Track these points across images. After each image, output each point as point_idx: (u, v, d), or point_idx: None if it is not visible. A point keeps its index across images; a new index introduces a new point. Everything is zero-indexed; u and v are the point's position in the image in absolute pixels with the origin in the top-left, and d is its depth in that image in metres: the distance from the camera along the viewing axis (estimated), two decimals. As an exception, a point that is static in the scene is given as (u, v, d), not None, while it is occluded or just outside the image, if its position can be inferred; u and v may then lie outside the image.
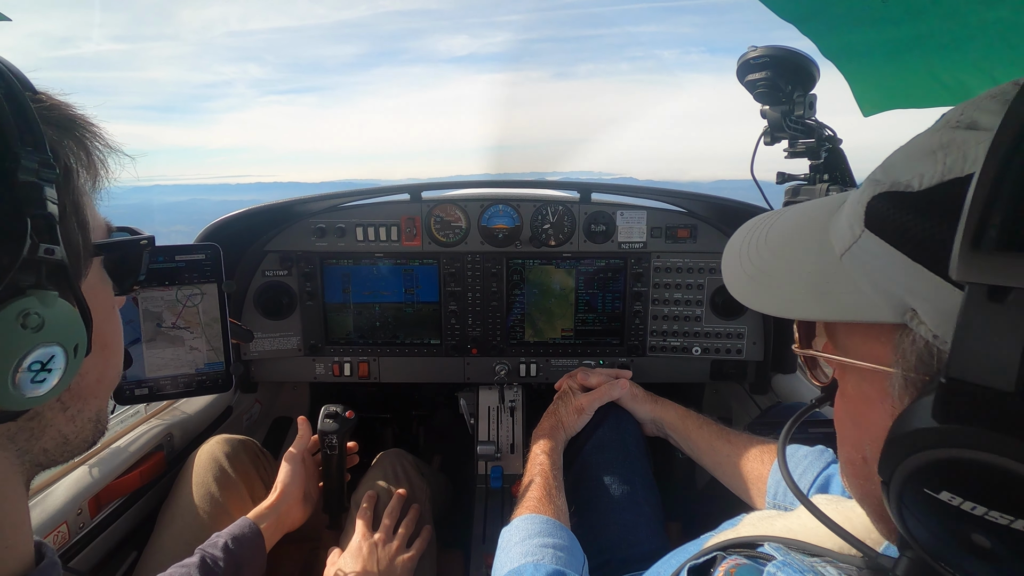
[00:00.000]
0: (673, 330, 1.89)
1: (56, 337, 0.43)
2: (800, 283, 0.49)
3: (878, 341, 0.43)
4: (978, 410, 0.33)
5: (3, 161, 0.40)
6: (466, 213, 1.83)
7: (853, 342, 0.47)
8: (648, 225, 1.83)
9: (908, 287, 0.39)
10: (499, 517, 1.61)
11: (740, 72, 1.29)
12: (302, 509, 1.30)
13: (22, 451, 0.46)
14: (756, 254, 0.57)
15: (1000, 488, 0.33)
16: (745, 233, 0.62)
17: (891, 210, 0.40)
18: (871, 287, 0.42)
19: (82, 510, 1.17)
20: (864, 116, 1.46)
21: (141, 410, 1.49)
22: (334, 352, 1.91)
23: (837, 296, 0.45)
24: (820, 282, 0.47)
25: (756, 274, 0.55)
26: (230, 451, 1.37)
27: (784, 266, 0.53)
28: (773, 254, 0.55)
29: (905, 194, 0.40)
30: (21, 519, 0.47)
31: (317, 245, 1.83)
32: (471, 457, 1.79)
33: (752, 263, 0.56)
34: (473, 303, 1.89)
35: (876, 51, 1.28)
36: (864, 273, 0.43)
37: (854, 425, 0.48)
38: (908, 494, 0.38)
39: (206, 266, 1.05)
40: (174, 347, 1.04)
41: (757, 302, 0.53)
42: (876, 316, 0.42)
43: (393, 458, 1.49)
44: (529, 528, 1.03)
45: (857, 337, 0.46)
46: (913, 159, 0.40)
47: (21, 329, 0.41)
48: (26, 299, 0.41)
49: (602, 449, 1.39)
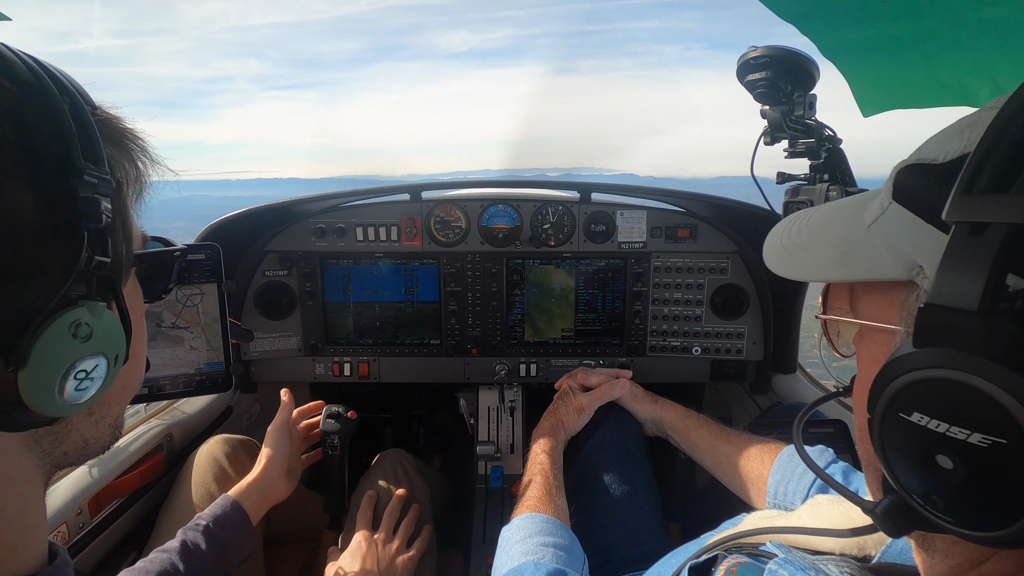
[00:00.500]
0: (673, 330, 1.89)
1: (102, 347, 0.44)
2: (828, 251, 0.52)
3: (891, 304, 0.45)
4: (946, 330, 0.36)
5: (68, 176, 0.41)
6: (466, 213, 1.83)
7: (870, 307, 0.49)
8: (648, 225, 1.83)
9: (918, 246, 0.41)
10: (499, 517, 1.60)
11: (740, 72, 1.29)
12: (286, 483, 1.29)
13: (45, 453, 0.46)
14: (797, 233, 0.60)
15: (959, 403, 0.35)
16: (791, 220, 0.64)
17: (914, 180, 0.43)
18: (888, 250, 0.44)
19: (82, 510, 1.17)
20: (864, 116, 1.46)
21: (141, 410, 1.49)
22: (334, 352, 1.91)
23: (858, 261, 0.47)
24: (846, 250, 0.50)
25: (791, 247, 0.58)
26: (230, 451, 1.37)
27: (817, 239, 0.55)
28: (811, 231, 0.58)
29: (929, 166, 0.42)
30: (39, 520, 0.48)
31: (317, 245, 1.83)
32: (471, 457, 1.79)
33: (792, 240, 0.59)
34: (473, 303, 1.89)
35: (876, 51, 1.28)
36: (884, 238, 0.45)
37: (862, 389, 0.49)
38: (887, 424, 0.40)
39: (206, 266, 1.05)
40: (174, 347, 1.04)
41: (788, 270, 0.56)
42: (887, 274, 0.44)
43: (393, 458, 1.49)
44: (529, 527, 1.03)
45: (874, 303, 0.48)
46: (943, 138, 0.43)
47: (72, 339, 0.41)
48: (78, 310, 0.42)
49: (602, 449, 1.39)
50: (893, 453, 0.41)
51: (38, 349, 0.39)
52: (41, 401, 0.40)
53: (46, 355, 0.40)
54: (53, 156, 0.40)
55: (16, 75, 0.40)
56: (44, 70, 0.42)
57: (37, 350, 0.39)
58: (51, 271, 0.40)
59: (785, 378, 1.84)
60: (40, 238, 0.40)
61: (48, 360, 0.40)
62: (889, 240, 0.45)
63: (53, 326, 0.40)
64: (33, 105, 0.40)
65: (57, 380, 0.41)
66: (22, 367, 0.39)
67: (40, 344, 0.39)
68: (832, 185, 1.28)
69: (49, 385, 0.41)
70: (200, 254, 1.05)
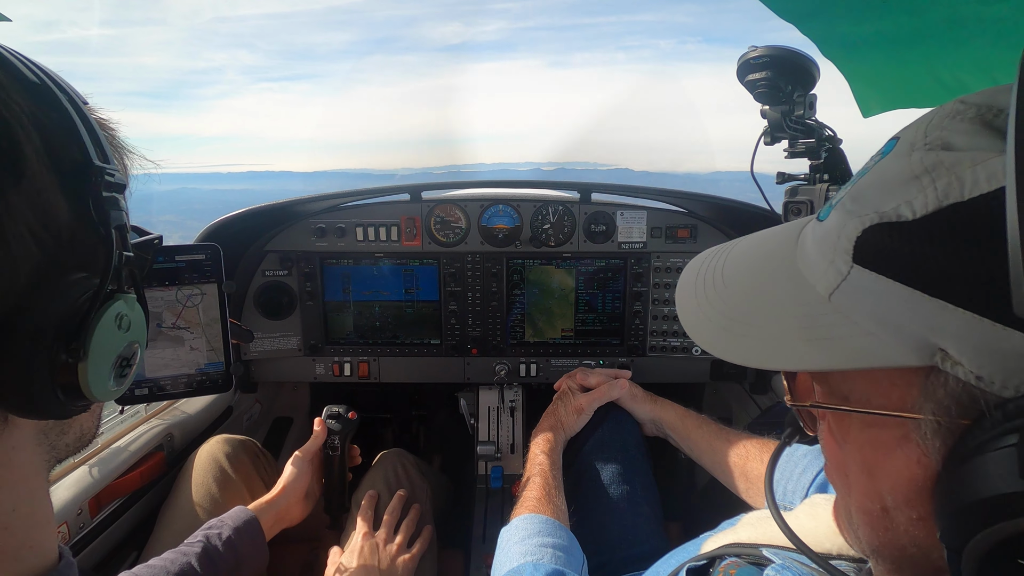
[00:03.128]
0: (673, 330, 1.89)
1: (139, 335, 0.47)
2: (785, 329, 0.45)
3: (895, 385, 0.40)
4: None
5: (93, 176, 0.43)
6: (466, 213, 1.83)
7: (855, 388, 0.43)
8: (648, 225, 1.83)
9: (929, 325, 0.36)
10: (499, 517, 1.60)
11: (740, 72, 1.29)
12: (302, 507, 1.30)
13: (52, 446, 0.47)
14: (717, 298, 0.52)
15: None
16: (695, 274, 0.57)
17: (886, 242, 0.38)
18: (879, 327, 0.39)
19: (82, 510, 1.17)
20: (864, 117, 1.46)
21: (141, 410, 1.49)
22: (334, 352, 1.91)
23: (837, 341, 0.41)
24: (809, 326, 0.43)
25: (727, 323, 0.50)
26: (230, 451, 1.37)
27: (757, 310, 0.48)
28: (739, 296, 0.51)
29: (899, 224, 0.38)
30: (47, 517, 0.48)
31: (317, 245, 1.83)
32: (471, 457, 1.79)
33: (715, 309, 0.51)
34: (473, 303, 1.89)
35: (876, 50, 1.28)
36: (865, 312, 0.40)
37: (865, 474, 0.44)
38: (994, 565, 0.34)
39: (206, 266, 1.05)
40: (174, 347, 1.04)
41: (739, 355, 0.48)
42: (895, 360, 0.38)
43: (394, 458, 1.49)
44: (528, 528, 1.03)
45: (861, 383, 0.43)
46: (892, 187, 0.39)
47: (118, 330, 0.45)
48: (118, 302, 0.45)
49: (602, 449, 1.39)
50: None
51: (95, 341, 0.42)
52: (98, 389, 0.43)
53: (102, 346, 0.43)
54: (73, 158, 0.42)
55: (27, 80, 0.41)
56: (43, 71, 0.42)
57: (94, 342, 0.42)
58: (94, 268, 0.43)
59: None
60: (79, 238, 0.42)
61: (103, 350, 0.43)
62: (874, 314, 0.39)
63: (104, 319, 0.43)
64: (48, 108, 0.41)
65: (110, 368, 0.44)
66: (83, 359, 0.41)
67: (96, 336, 0.42)
68: (832, 185, 1.28)
69: (104, 374, 0.44)
70: (200, 254, 1.05)
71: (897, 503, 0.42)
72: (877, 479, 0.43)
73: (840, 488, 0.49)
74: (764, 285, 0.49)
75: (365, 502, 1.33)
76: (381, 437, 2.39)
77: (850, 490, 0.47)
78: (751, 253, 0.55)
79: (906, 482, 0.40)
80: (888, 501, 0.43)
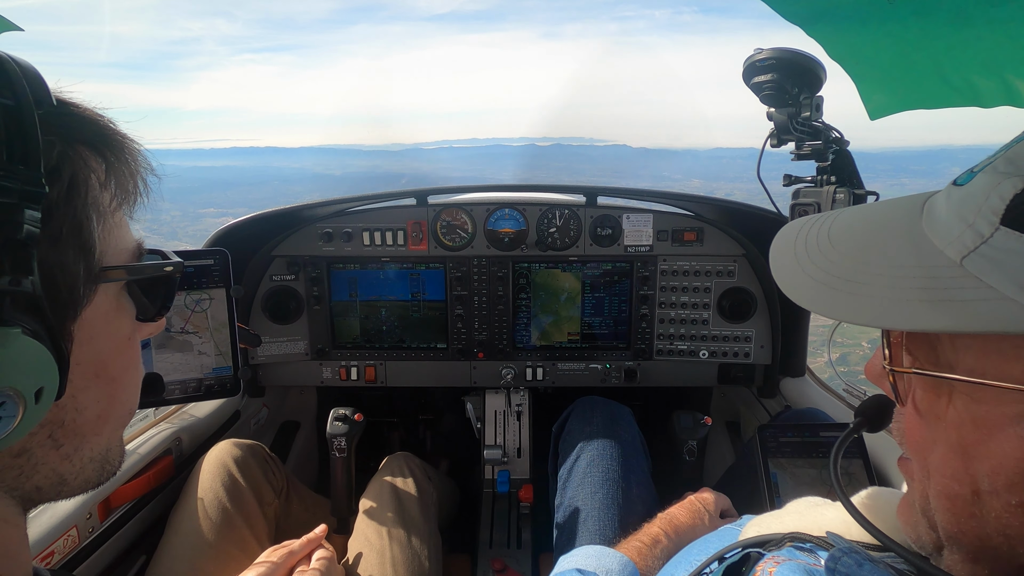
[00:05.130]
0: (680, 333, 1.88)
1: (7, 380, 0.37)
2: (903, 289, 0.43)
3: (1019, 356, 0.38)
4: None
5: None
6: (472, 217, 1.84)
7: (966, 358, 0.41)
8: (654, 228, 1.83)
9: None
10: (505, 521, 1.60)
11: (746, 74, 1.29)
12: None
13: (11, 488, 0.43)
14: (823, 257, 0.50)
15: None
16: (795, 234, 0.55)
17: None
18: (1020, 292, 0.37)
19: (91, 514, 1.18)
20: (871, 119, 1.45)
21: (150, 414, 1.50)
22: (341, 356, 1.92)
23: (967, 304, 0.39)
24: (933, 287, 0.41)
25: (831, 280, 0.48)
26: (239, 456, 1.37)
27: (870, 270, 0.46)
28: (849, 257, 0.48)
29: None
30: (18, 548, 0.44)
31: (324, 250, 1.84)
32: (478, 461, 1.78)
33: (820, 267, 0.50)
34: (479, 307, 1.89)
35: (883, 52, 1.27)
36: (1006, 276, 0.38)
37: (958, 455, 0.42)
38: None
39: (214, 271, 1.06)
40: (183, 352, 1.05)
41: (842, 312, 0.46)
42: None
43: (401, 461, 1.49)
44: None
45: (976, 351, 0.41)
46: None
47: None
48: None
49: (596, 444, 1.39)
50: None
51: None
52: None
53: None
54: None
55: None
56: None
57: None
58: None
59: (794, 381, 1.82)
60: None
61: None
62: (1020, 279, 0.37)
63: None
64: None
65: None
66: None
67: None
68: (839, 187, 1.27)
69: None
70: (208, 259, 1.06)
71: (996, 487, 0.40)
72: (974, 461, 0.41)
73: (917, 472, 0.47)
74: (881, 247, 0.47)
75: (374, 502, 1.33)
76: (388, 441, 2.40)
77: (930, 473, 0.45)
78: (866, 217, 0.52)
79: (1013, 464, 0.38)
80: (984, 485, 0.41)
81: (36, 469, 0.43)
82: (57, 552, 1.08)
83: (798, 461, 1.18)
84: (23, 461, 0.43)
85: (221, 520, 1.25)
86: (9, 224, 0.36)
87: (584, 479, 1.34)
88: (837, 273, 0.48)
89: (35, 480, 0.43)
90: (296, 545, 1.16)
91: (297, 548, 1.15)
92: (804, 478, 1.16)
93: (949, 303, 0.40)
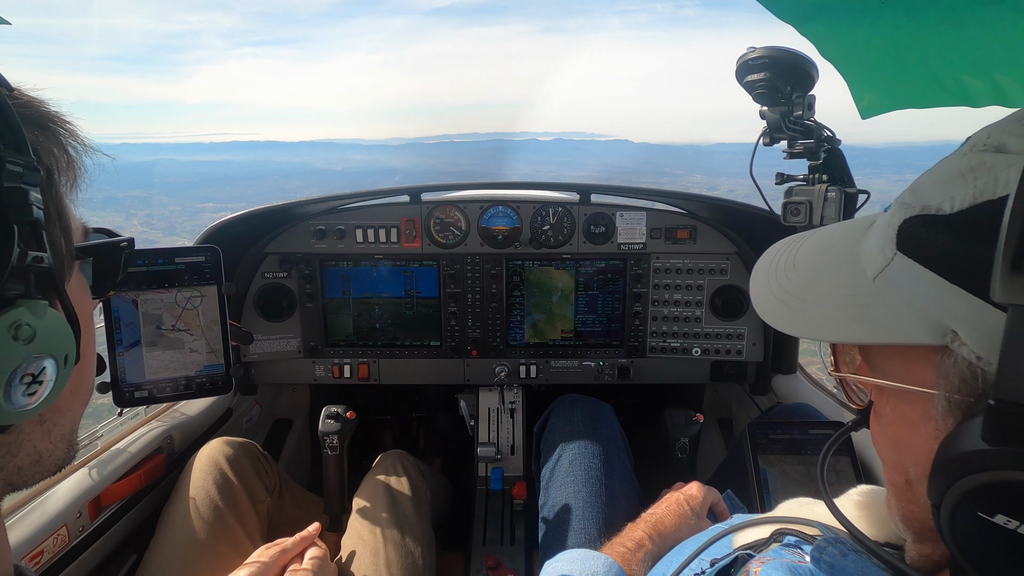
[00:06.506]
0: (673, 331, 1.89)
1: (48, 348, 0.42)
2: (834, 306, 0.49)
3: (918, 363, 0.44)
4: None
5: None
6: (465, 214, 1.84)
7: (891, 364, 0.47)
8: (648, 226, 1.84)
9: (946, 309, 0.39)
10: (499, 519, 1.60)
11: (739, 73, 1.29)
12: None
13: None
14: (785, 278, 0.57)
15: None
16: (772, 257, 0.62)
17: (924, 233, 0.41)
18: (908, 309, 0.43)
19: (82, 513, 1.17)
20: (863, 118, 1.46)
21: (141, 412, 1.49)
22: (334, 354, 1.91)
23: (874, 319, 0.45)
24: (854, 304, 0.47)
25: (787, 298, 0.55)
26: (231, 454, 1.36)
27: (815, 289, 0.53)
28: (803, 277, 0.55)
29: (937, 217, 0.40)
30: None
31: (317, 247, 1.83)
32: (471, 459, 1.79)
33: (782, 287, 0.56)
34: (473, 304, 1.89)
35: (874, 52, 1.28)
36: (899, 295, 0.44)
37: (895, 448, 0.49)
38: (960, 518, 0.38)
39: (206, 268, 1.05)
40: (174, 349, 1.04)
41: (790, 326, 0.53)
42: (915, 338, 0.42)
43: (395, 459, 1.49)
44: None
45: (896, 359, 0.46)
46: (942, 183, 0.41)
47: (13, 341, 0.39)
48: (16, 310, 0.39)
49: (578, 445, 1.39)
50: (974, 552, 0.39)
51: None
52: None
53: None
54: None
55: None
56: None
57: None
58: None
59: (785, 379, 1.84)
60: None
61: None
62: (906, 298, 0.43)
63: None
64: None
65: (1, 385, 0.39)
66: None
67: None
68: (831, 186, 1.28)
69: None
70: (200, 256, 1.05)
71: (919, 476, 0.44)
72: (903, 452, 0.47)
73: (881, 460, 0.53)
74: (826, 267, 0.54)
75: (367, 501, 1.32)
76: (381, 439, 2.39)
77: (885, 463, 0.51)
78: (824, 238, 0.58)
79: (926, 455, 0.42)
80: (911, 474, 0.47)
81: (21, 447, 0.45)
82: (47, 552, 1.07)
83: (787, 458, 1.19)
84: (11, 439, 0.44)
85: (213, 518, 1.24)
86: (25, 206, 0.39)
87: (567, 478, 1.35)
88: (792, 292, 0.55)
89: (18, 459, 0.45)
90: (289, 543, 1.16)
91: (290, 546, 1.15)
92: (793, 474, 1.17)
93: (864, 318, 0.46)
